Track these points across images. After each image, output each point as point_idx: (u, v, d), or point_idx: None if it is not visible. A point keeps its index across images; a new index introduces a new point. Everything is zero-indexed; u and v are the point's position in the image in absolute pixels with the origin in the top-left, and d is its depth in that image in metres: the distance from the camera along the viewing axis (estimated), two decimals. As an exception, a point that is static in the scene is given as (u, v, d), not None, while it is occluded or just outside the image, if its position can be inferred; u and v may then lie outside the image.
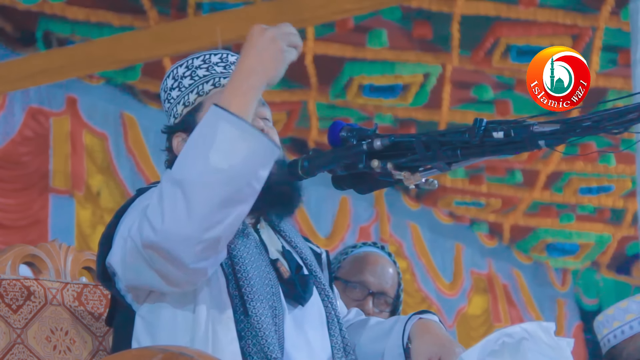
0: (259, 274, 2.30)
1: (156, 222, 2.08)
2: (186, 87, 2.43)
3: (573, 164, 9.63)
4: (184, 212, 2.06)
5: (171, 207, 2.07)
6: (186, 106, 2.42)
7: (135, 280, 2.23)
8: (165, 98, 2.47)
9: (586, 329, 12.01)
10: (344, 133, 2.25)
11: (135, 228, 2.14)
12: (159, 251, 2.10)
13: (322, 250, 2.57)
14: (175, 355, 2.03)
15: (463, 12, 7.36)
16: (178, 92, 2.44)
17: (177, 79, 2.45)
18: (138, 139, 8.27)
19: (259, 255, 2.34)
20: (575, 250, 11.47)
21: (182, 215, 2.06)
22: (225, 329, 2.23)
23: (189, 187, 2.06)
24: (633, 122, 2.00)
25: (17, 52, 7.36)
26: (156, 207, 2.09)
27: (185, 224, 2.07)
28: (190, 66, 2.45)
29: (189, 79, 2.43)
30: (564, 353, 2.17)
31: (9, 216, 7.36)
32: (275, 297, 2.31)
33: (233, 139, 2.08)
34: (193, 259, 2.10)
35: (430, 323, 2.43)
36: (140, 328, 2.29)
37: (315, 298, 2.40)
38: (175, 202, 2.07)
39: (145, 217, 2.11)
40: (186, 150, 2.11)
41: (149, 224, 2.09)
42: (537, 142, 2.06)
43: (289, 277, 2.36)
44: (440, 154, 2.14)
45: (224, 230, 2.10)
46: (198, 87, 2.42)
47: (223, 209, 2.07)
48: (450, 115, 8.54)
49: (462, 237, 11.26)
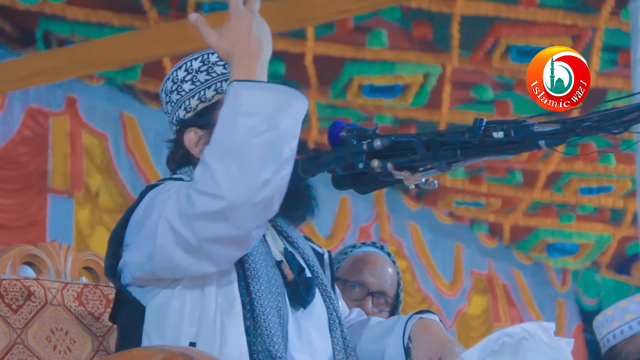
0: (266, 273, 2.31)
1: (214, 190, 2.09)
2: (202, 82, 2.43)
3: (573, 164, 9.63)
4: (238, 174, 2.08)
5: (224, 172, 2.09)
6: (202, 101, 2.43)
7: (165, 266, 2.22)
8: (174, 89, 2.46)
9: (586, 329, 12.01)
10: (344, 133, 2.25)
11: (178, 207, 2.14)
12: (220, 220, 2.11)
13: (324, 251, 2.57)
14: (175, 355, 2.03)
15: (463, 12, 7.36)
16: (192, 85, 2.44)
17: (192, 72, 2.45)
18: (138, 139, 8.27)
19: (265, 255, 2.35)
20: (575, 250, 11.46)
21: (237, 179, 2.08)
22: (234, 323, 2.24)
23: (236, 152, 2.09)
24: (633, 122, 2.00)
25: (17, 52, 7.35)
26: (207, 179, 2.10)
27: (242, 185, 2.09)
28: (206, 61, 2.46)
29: (205, 74, 2.44)
30: (564, 353, 2.17)
31: (7, 216, 7.36)
32: (280, 298, 2.31)
33: (258, 97, 2.13)
34: (255, 222, 2.13)
35: (431, 323, 2.43)
36: (149, 321, 2.29)
37: (317, 299, 2.41)
38: (228, 167, 2.09)
39: (196, 191, 2.11)
40: (220, 125, 2.14)
41: (205, 195, 2.10)
42: (537, 142, 2.06)
43: (293, 280, 2.37)
44: (440, 154, 2.14)
45: (277, 188, 2.12)
46: (216, 84, 2.43)
47: (269, 166, 2.10)
48: (450, 115, 8.54)
49: (462, 237, 11.26)
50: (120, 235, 2.31)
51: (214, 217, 2.10)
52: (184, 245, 2.15)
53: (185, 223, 2.13)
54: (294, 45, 7.56)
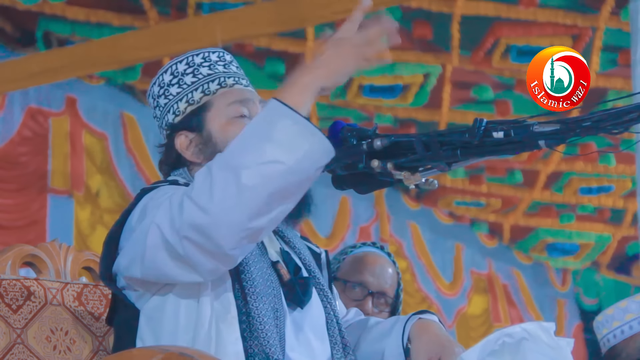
0: (261, 274, 2.30)
1: (204, 202, 2.05)
2: (189, 84, 2.43)
3: (573, 164, 9.63)
4: (234, 197, 2.04)
5: (222, 190, 2.04)
6: (190, 104, 2.42)
7: (152, 273, 2.20)
8: (162, 94, 2.45)
9: (586, 329, 12.00)
10: (343, 133, 2.25)
11: (170, 215, 2.11)
12: (201, 233, 2.07)
13: (322, 250, 2.57)
14: (175, 355, 2.03)
15: (463, 12, 7.36)
16: (178, 88, 2.43)
17: (177, 75, 2.44)
18: (138, 139, 8.27)
19: (260, 257, 2.34)
20: (575, 250, 11.46)
21: (232, 199, 2.04)
22: (230, 328, 2.23)
23: (244, 173, 2.03)
24: (633, 122, 2.00)
25: (17, 52, 7.36)
26: (204, 189, 2.06)
27: (234, 208, 2.04)
28: (191, 63, 2.45)
29: (191, 76, 2.43)
30: (564, 353, 2.17)
31: (7, 216, 7.36)
32: (276, 299, 2.31)
33: (294, 135, 2.06)
34: (233, 245, 2.09)
35: (430, 323, 2.43)
36: (144, 326, 2.28)
37: (314, 299, 2.40)
38: (227, 186, 2.04)
39: (189, 199, 2.07)
40: (243, 139, 2.09)
41: (195, 205, 2.06)
42: (537, 142, 2.06)
43: (289, 280, 2.36)
44: (440, 154, 2.14)
45: (269, 222, 2.09)
46: (203, 85, 2.42)
47: (272, 202, 2.06)
48: (450, 115, 8.54)
49: (462, 237, 11.25)
50: (115, 238, 2.30)
51: (197, 229, 2.07)
52: (171, 253, 2.13)
53: (174, 231, 2.10)
54: (294, 45, 7.56)
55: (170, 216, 2.11)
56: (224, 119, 2.41)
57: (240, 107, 2.42)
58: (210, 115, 2.41)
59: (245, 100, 2.44)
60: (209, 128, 2.41)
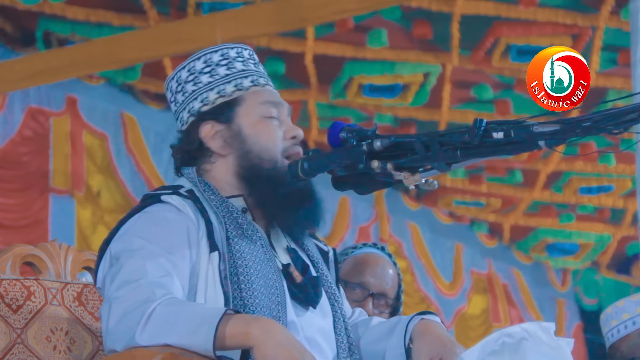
0: (264, 283, 2.30)
1: (108, 321, 2.15)
2: (222, 76, 2.44)
3: (573, 163, 9.62)
4: (140, 329, 2.11)
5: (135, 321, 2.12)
6: (222, 96, 2.43)
7: None
8: (191, 80, 2.45)
9: (586, 329, 12.00)
10: (343, 134, 2.26)
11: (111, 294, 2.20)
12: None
13: (329, 248, 2.57)
14: (175, 355, 2.03)
15: (463, 12, 7.36)
16: (210, 78, 2.44)
17: (211, 64, 2.45)
18: (138, 139, 8.26)
19: (267, 262, 2.34)
20: (575, 250, 11.45)
21: (137, 330, 2.11)
22: None
23: (155, 318, 2.11)
24: (633, 122, 2.00)
25: (17, 52, 7.35)
26: (112, 309, 2.15)
27: (135, 336, 2.11)
28: (226, 55, 2.46)
29: (225, 68, 2.45)
30: (564, 353, 2.17)
31: (8, 216, 7.36)
32: (280, 307, 2.30)
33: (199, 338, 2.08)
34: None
35: (432, 324, 2.43)
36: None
37: (322, 298, 2.41)
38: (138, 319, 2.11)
39: (108, 307, 2.17)
40: (181, 313, 2.12)
41: (106, 316, 2.17)
42: (537, 142, 2.06)
43: (302, 281, 2.37)
44: (440, 154, 2.14)
45: None
46: (237, 80, 2.44)
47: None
48: (450, 115, 8.54)
49: (462, 237, 11.25)
50: (107, 248, 2.33)
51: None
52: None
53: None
54: (294, 45, 7.57)
55: (102, 309, 2.22)
56: (255, 116, 2.43)
57: (271, 108, 2.45)
58: (241, 110, 2.42)
59: (276, 103, 2.47)
60: (239, 122, 2.42)
